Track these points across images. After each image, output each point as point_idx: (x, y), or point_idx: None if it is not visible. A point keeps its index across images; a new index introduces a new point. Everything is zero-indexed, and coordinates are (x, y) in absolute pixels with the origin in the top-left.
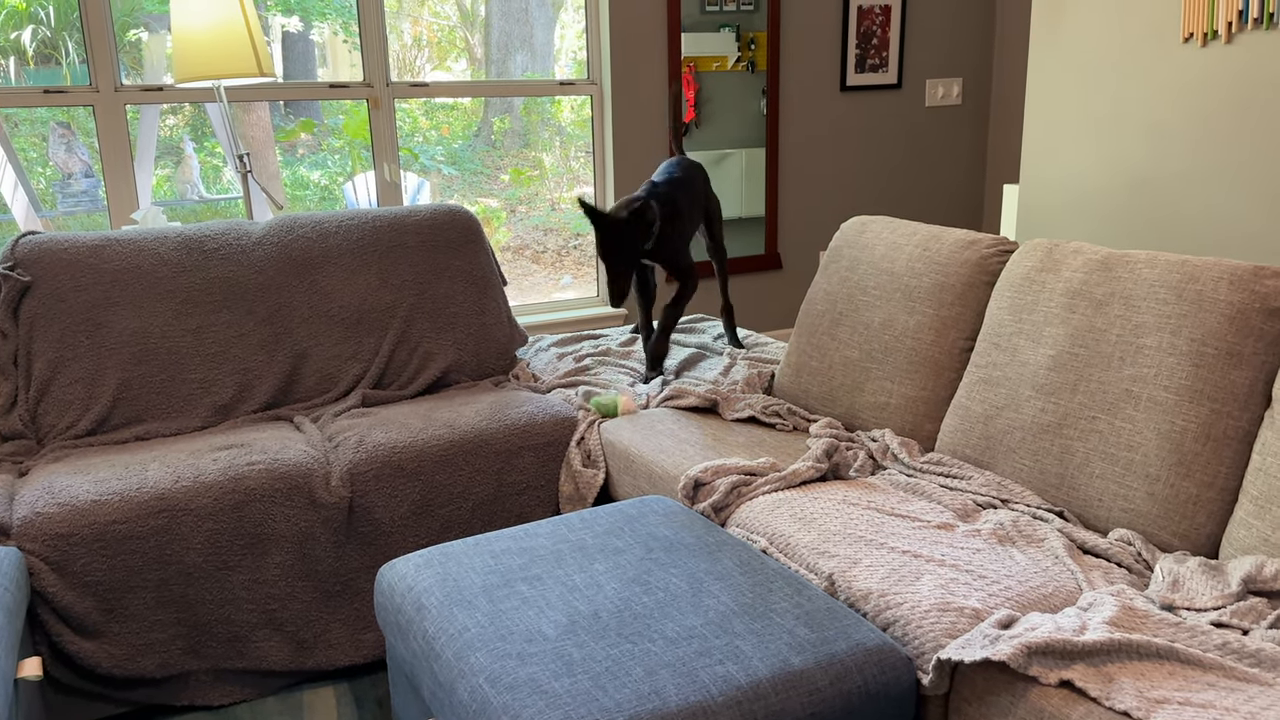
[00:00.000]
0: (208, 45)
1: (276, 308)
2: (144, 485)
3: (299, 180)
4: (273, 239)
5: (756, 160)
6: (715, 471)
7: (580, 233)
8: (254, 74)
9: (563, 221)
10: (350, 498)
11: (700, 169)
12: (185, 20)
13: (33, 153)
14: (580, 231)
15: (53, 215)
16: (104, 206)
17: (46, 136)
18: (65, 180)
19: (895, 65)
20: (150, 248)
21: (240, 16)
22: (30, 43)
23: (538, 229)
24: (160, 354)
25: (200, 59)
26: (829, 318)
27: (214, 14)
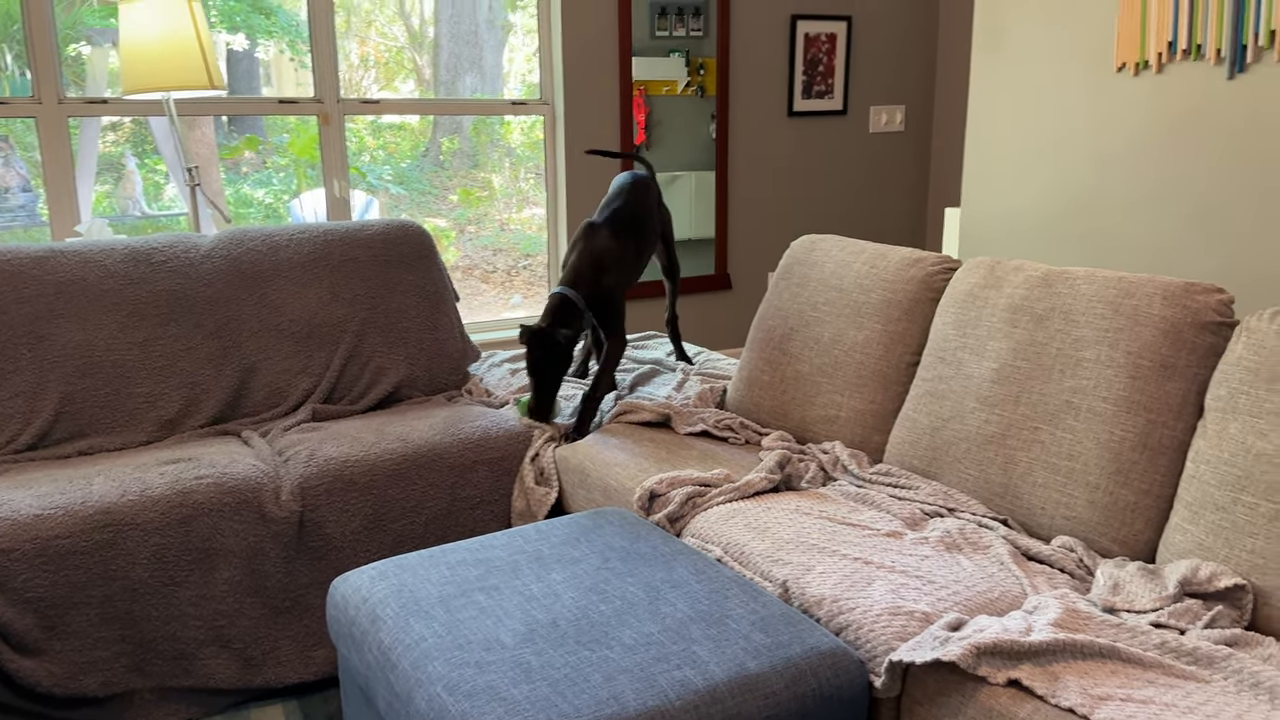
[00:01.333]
0: (158, 57)
1: (225, 321)
2: (88, 499)
3: (243, 198)
4: (222, 252)
5: (706, 183)
6: (670, 483)
7: (529, 253)
8: (204, 87)
9: (512, 242)
10: (301, 512)
11: (648, 184)
12: (135, 31)
13: None
14: (529, 252)
15: None
16: (42, 221)
17: None
18: (2, 195)
19: (841, 92)
20: (96, 260)
21: (191, 28)
22: None
23: (487, 249)
24: (105, 367)
25: (150, 70)
26: (780, 333)
27: (164, 25)
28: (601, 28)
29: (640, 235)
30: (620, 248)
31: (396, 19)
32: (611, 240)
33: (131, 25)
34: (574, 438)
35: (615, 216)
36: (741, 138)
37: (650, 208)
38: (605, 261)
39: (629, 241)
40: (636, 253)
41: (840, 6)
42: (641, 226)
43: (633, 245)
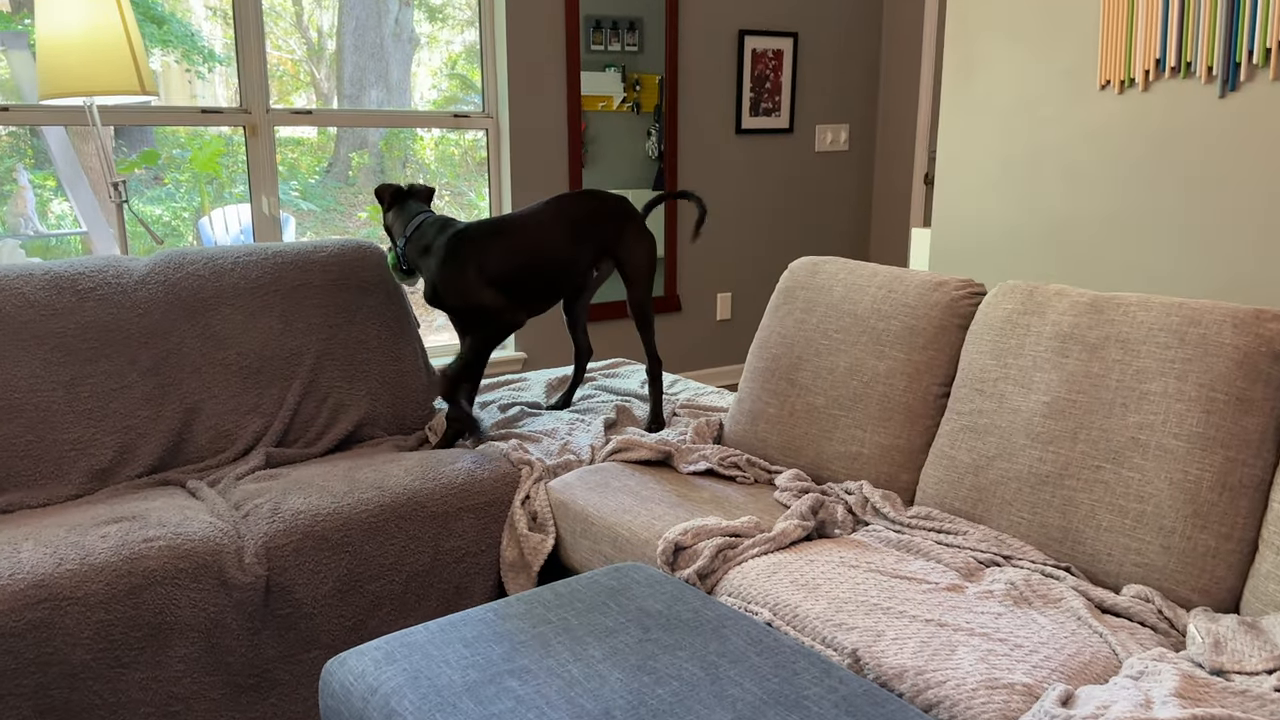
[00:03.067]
0: (81, 57)
1: (163, 356)
2: (17, 570)
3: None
4: (158, 277)
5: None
6: (696, 534)
7: None
8: (135, 92)
9: None
10: (267, 576)
11: (585, 202)
12: (55, 27)
13: None
14: None
15: None
16: None
17: None
18: None
19: (787, 110)
20: (13, 287)
21: (119, 25)
22: None
23: None
24: (26, 411)
25: (73, 73)
26: (786, 362)
27: (89, 22)
28: (546, 38)
29: (540, 251)
30: (501, 249)
31: (293, 31)
32: (491, 238)
33: (50, 21)
34: (445, 387)
35: (506, 221)
36: (690, 155)
37: (571, 226)
38: (476, 251)
39: (515, 248)
40: (523, 266)
41: (787, 23)
42: (547, 242)
43: (519, 254)
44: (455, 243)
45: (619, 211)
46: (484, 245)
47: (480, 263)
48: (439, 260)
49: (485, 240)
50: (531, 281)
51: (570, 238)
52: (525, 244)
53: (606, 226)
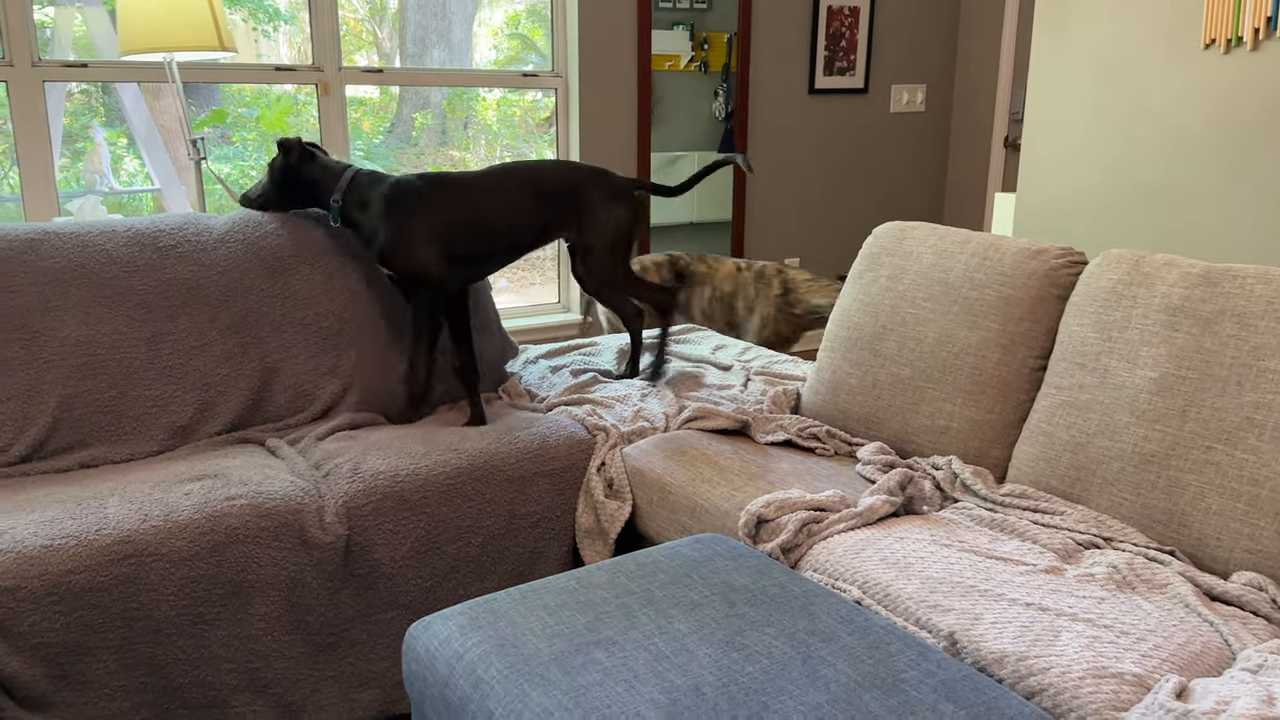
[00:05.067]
0: (161, 13)
1: (243, 314)
2: (104, 526)
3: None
4: (237, 236)
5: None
6: (779, 506)
7: None
8: (214, 48)
9: None
10: (347, 536)
11: (564, 171)
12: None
13: None
14: None
15: None
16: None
17: None
18: None
19: (862, 69)
20: (96, 244)
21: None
22: None
23: None
24: (109, 367)
25: (154, 29)
26: (870, 332)
27: None
28: None
29: (491, 214)
30: (449, 205)
31: None
32: (437, 192)
33: None
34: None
35: (452, 177)
36: (761, 116)
37: (527, 192)
38: (422, 203)
39: (461, 206)
40: (469, 226)
41: None
42: (498, 204)
43: (465, 213)
44: (399, 194)
45: (584, 181)
46: (430, 199)
47: (425, 217)
48: (382, 214)
49: (431, 194)
50: (475, 245)
51: (525, 204)
52: (473, 204)
53: (567, 196)
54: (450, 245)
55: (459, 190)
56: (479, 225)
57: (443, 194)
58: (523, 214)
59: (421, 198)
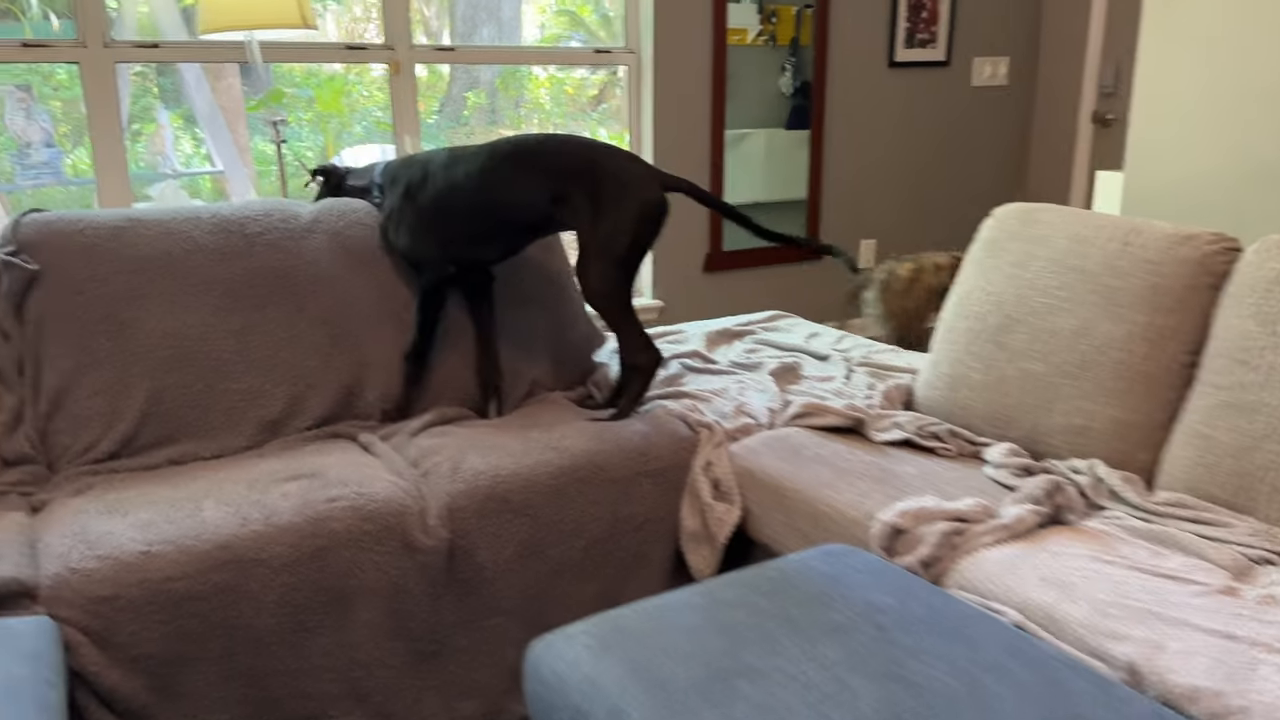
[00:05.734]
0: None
1: (333, 306)
2: (203, 530)
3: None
4: (326, 225)
5: (777, 140)
6: (916, 516)
7: None
8: (297, 24)
9: None
10: (450, 539)
11: (579, 148)
12: None
13: None
14: None
15: (11, 190)
16: (68, 180)
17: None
18: (23, 150)
19: (944, 41)
20: (182, 230)
21: None
22: None
23: None
24: (198, 359)
25: (236, 6)
26: (993, 322)
27: None
28: None
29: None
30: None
31: None
32: (419, 166)
33: None
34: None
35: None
36: (838, 91)
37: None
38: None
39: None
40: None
41: None
42: (483, 179)
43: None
44: (395, 172)
45: (600, 162)
46: (420, 176)
47: (413, 196)
48: (386, 195)
49: (422, 171)
50: (466, 225)
51: (525, 182)
52: (465, 181)
53: (578, 177)
54: (439, 225)
55: (450, 165)
56: (470, 205)
57: (433, 171)
58: (521, 193)
59: (412, 176)
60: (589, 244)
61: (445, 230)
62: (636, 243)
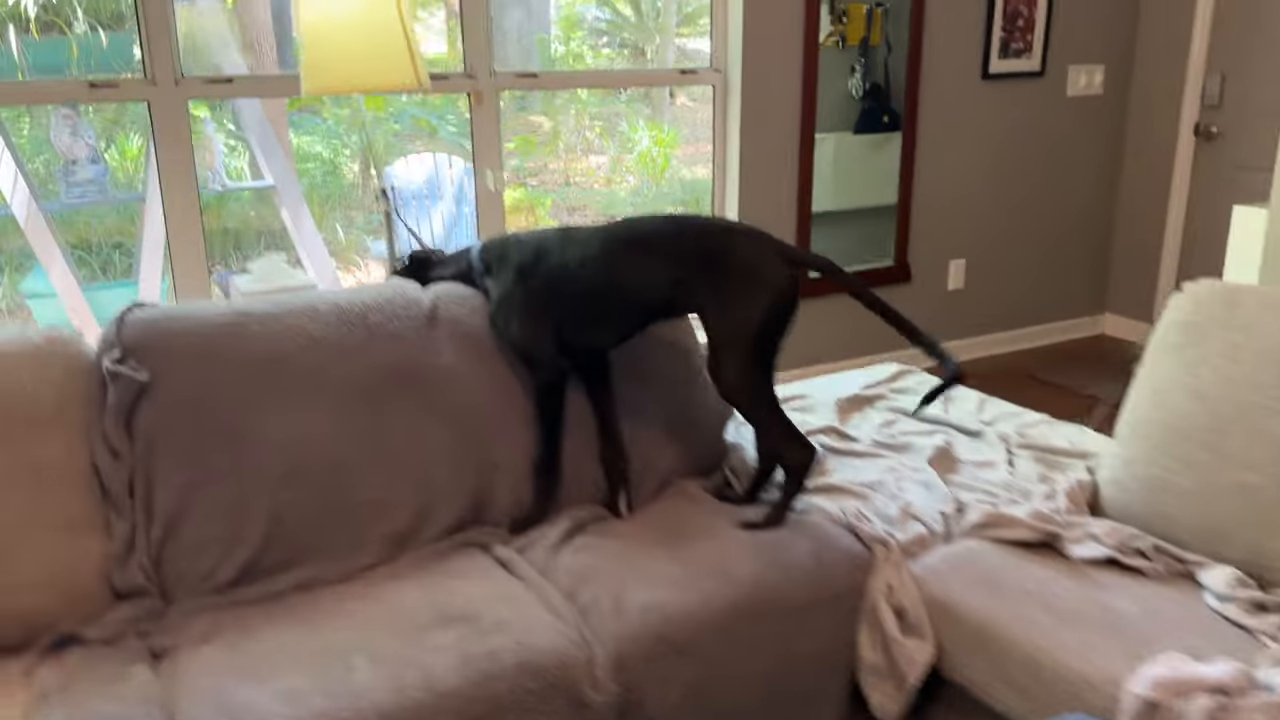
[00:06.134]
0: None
1: (460, 403)
2: (358, 700)
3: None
4: (448, 313)
5: (846, 146)
6: (1172, 689)
7: (611, 212)
8: (411, 86)
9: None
10: (620, 693)
11: (701, 228)
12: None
13: (33, 133)
14: (611, 211)
15: (57, 208)
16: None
17: (47, 119)
18: (69, 167)
19: (1040, 49)
20: (299, 325)
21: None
22: (34, 7)
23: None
24: (320, 470)
25: (344, 67)
26: (1199, 422)
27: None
28: None
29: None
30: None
31: None
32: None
33: (317, 7)
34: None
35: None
36: (930, 102)
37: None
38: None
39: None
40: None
41: None
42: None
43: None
44: (503, 254)
45: (726, 241)
46: (532, 260)
47: (525, 282)
48: (492, 281)
49: (534, 254)
50: (581, 316)
51: (633, 263)
52: (580, 266)
53: (701, 259)
54: (552, 310)
55: (565, 247)
56: (587, 290)
57: (546, 252)
58: (642, 278)
59: (524, 258)
60: (717, 334)
61: (559, 316)
62: (768, 330)
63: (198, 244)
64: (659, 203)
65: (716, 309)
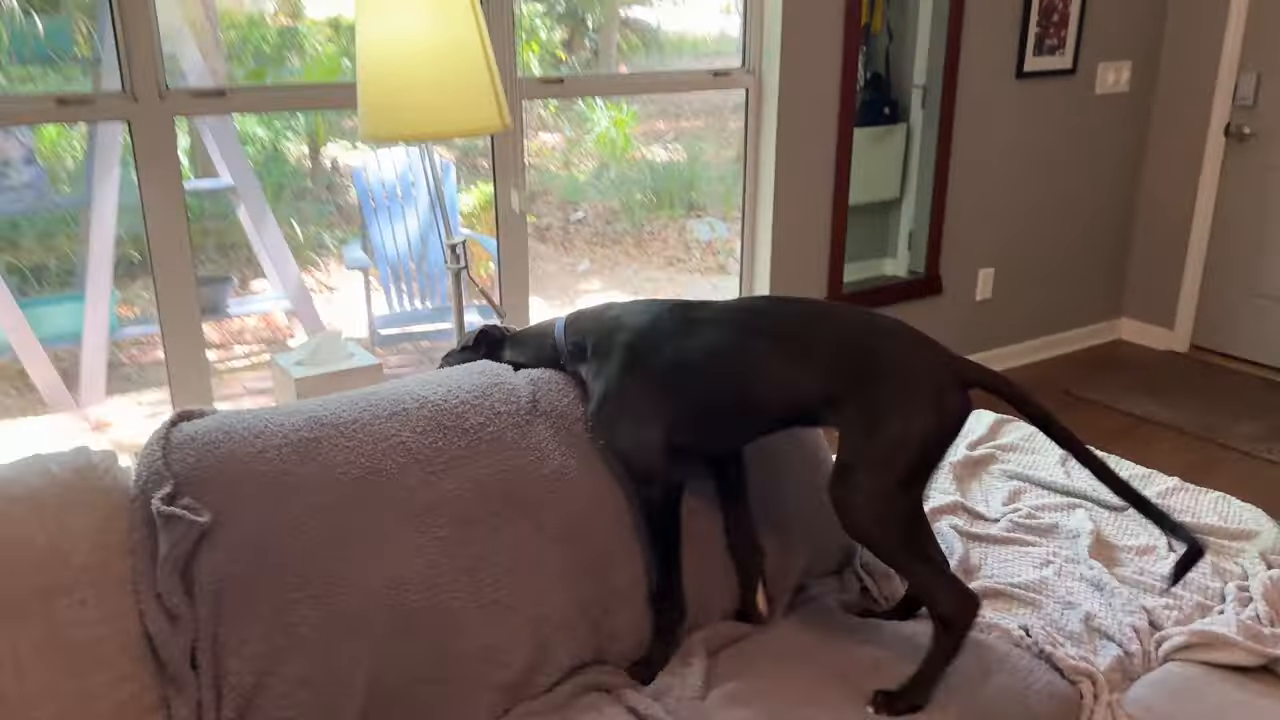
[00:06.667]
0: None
1: (571, 516)
2: None
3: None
4: (546, 403)
5: (862, 139)
6: None
7: (574, 200)
8: (495, 129)
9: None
10: None
11: (856, 325)
12: (384, 49)
13: None
14: (574, 199)
15: None
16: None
17: None
18: (1, 170)
19: (1072, 46)
20: (389, 434)
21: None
22: None
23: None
24: (424, 616)
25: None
26: None
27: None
28: None
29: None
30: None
31: None
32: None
33: (377, 40)
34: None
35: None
36: (966, 106)
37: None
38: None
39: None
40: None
41: None
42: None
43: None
44: (608, 334)
45: (885, 344)
46: (633, 341)
47: (638, 373)
48: (589, 365)
49: (634, 334)
50: (684, 413)
51: (770, 364)
52: (687, 350)
53: (851, 361)
54: (667, 419)
55: (685, 333)
56: (712, 390)
57: (661, 338)
58: (780, 383)
59: (635, 344)
60: (857, 456)
61: (673, 418)
62: (926, 459)
63: (186, 275)
64: (626, 189)
65: (863, 426)
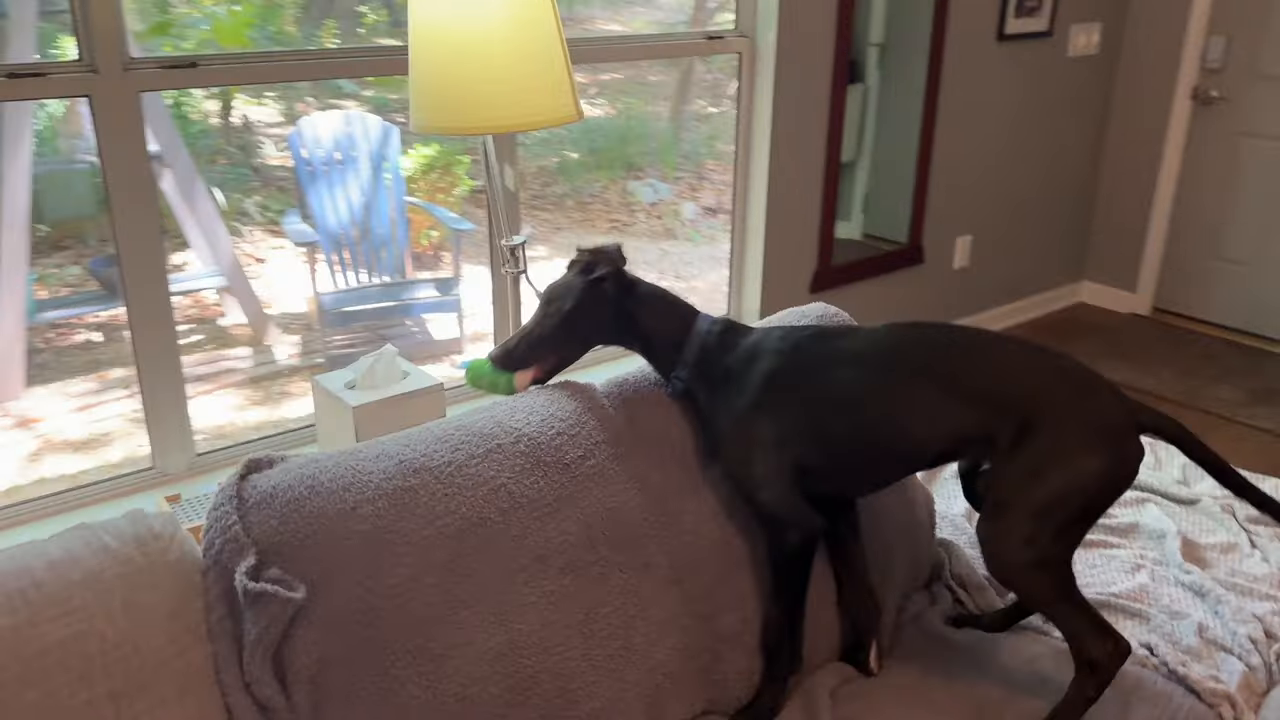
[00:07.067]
0: (495, 81)
1: (676, 551)
2: None
3: None
4: (631, 414)
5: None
6: None
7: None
8: (570, 119)
9: None
10: None
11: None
12: (446, 32)
13: None
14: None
15: None
16: None
17: None
18: None
19: (1050, 5)
20: (491, 478)
21: (550, 25)
22: None
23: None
24: (538, 680)
25: (482, 102)
26: None
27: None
28: None
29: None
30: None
31: None
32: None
33: (437, 22)
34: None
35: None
36: (952, 70)
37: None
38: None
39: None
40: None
41: None
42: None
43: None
44: (744, 341)
45: (1051, 388)
46: (779, 366)
47: (767, 397)
48: (724, 392)
49: (782, 358)
50: (820, 450)
51: (922, 402)
52: (833, 384)
53: (1005, 405)
54: (797, 454)
55: (833, 363)
56: (856, 427)
57: (813, 366)
58: (928, 421)
59: (777, 370)
60: (1016, 498)
61: (808, 456)
62: (1091, 510)
63: (158, 267)
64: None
65: (1027, 469)
